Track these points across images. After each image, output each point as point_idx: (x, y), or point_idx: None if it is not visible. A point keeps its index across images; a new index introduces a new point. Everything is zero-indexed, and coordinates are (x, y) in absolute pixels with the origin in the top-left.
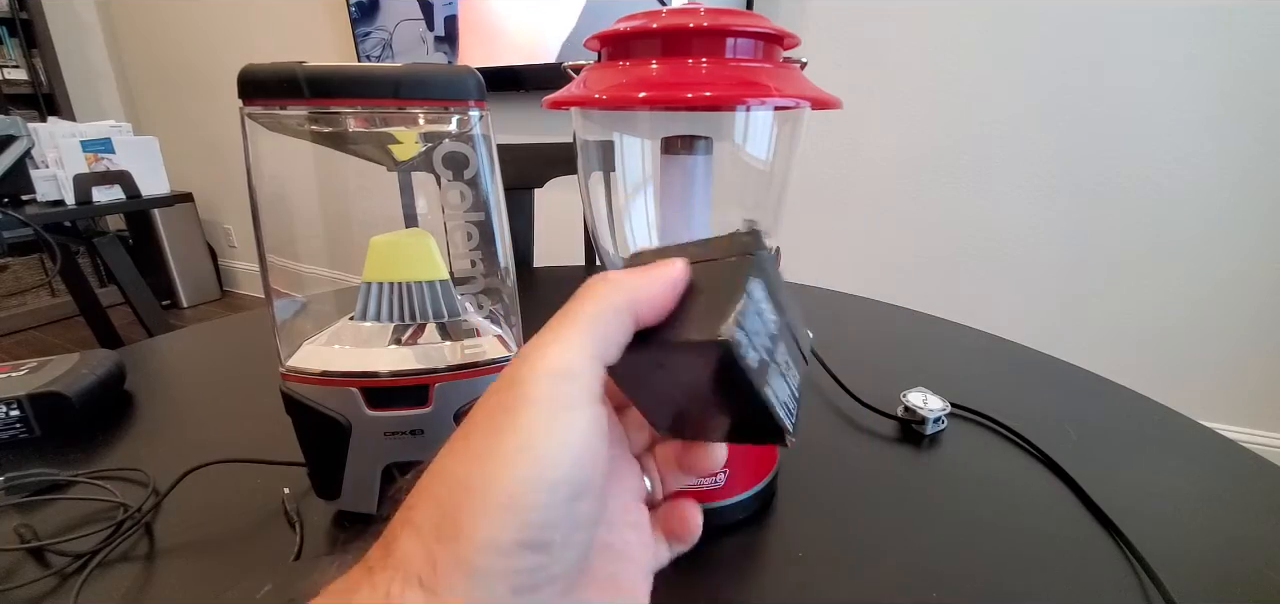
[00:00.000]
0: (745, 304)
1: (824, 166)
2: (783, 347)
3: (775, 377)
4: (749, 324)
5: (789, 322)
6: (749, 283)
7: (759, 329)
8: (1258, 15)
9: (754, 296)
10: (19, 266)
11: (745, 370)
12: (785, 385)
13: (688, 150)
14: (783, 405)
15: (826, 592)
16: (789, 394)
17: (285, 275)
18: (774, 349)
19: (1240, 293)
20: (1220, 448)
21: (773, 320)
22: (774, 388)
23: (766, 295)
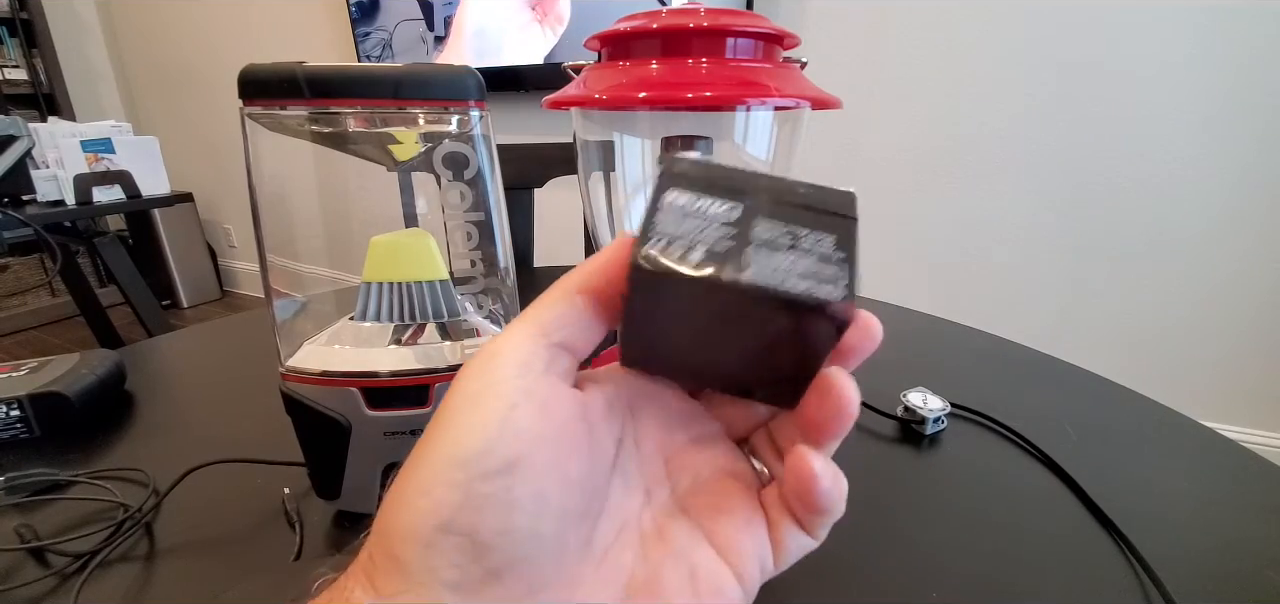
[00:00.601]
0: (653, 217)
1: (824, 166)
2: (764, 224)
3: (761, 255)
4: (667, 231)
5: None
6: (659, 194)
7: (691, 229)
8: (1258, 15)
9: (669, 205)
10: (19, 266)
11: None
12: (788, 259)
13: (688, 150)
14: (797, 275)
15: (826, 592)
16: (813, 263)
17: (285, 275)
18: (743, 231)
19: (1240, 293)
20: (1220, 448)
21: (720, 209)
22: (763, 265)
23: (696, 191)
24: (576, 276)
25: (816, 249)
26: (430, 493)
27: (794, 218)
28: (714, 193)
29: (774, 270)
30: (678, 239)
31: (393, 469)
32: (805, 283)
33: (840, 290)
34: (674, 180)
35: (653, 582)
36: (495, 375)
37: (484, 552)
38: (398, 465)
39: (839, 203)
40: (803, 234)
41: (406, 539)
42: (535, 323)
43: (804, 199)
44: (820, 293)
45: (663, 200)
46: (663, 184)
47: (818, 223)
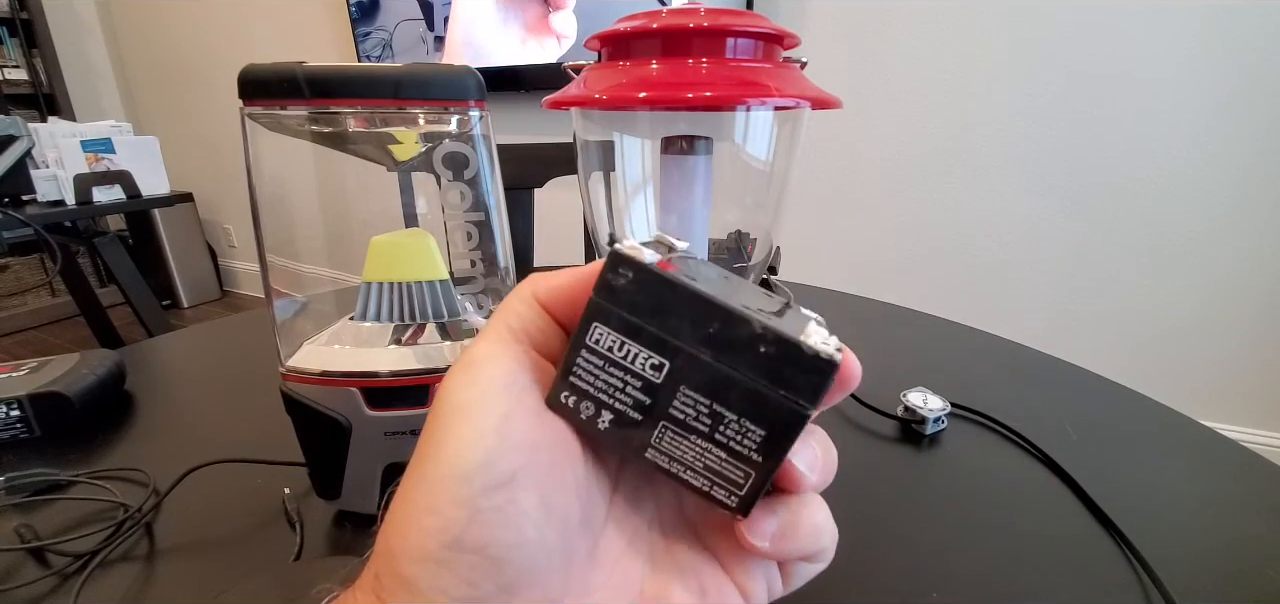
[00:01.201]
0: (572, 360)
1: (824, 166)
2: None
3: (665, 436)
4: (582, 382)
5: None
6: (584, 330)
7: (607, 385)
8: (1258, 15)
9: (591, 348)
10: (19, 266)
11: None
12: (698, 447)
13: (688, 150)
14: (703, 476)
15: (826, 592)
16: (721, 461)
17: (285, 275)
18: (660, 401)
19: (1240, 293)
20: (1220, 448)
21: (644, 364)
22: (668, 451)
23: (625, 335)
24: (539, 285)
25: (734, 442)
26: (438, 511)
27: (728, 393)
28: (643, 338)
29: (673, 458)
30: (589, 395)
31: (393, 470)
32: (702, 480)
33: (733, 500)
34: (605, 313)
35: (661, 597)
36: (484, 385)
37: (498, 568)
38: (398, 465)
39: (802, 378)
40: (727, 420)
41: (416, 559)
42: (509, 330)
43: (753, 366)
44: (716, 495)
45: (589, 335)
46: (593, 311)
47: (753, 407)
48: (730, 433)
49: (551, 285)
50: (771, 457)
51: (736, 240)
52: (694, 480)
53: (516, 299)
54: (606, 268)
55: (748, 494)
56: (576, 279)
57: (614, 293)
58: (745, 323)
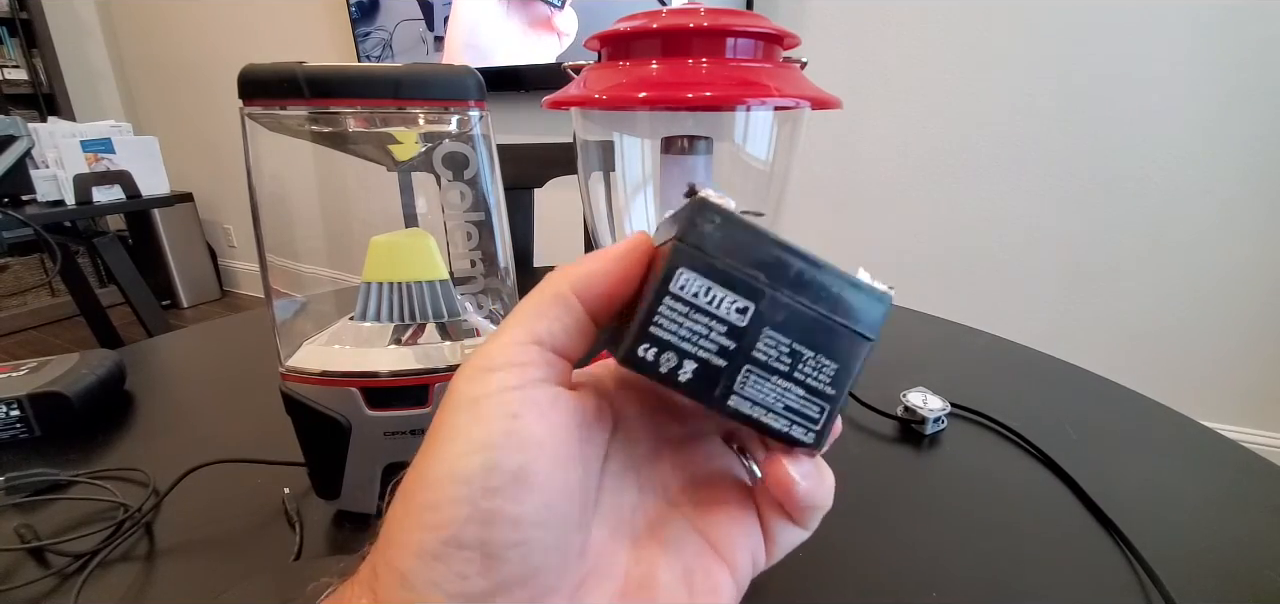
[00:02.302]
0: (655, 309)
1: (824, 166)
2: (770, 338)
3: (749, 379)
4: (664, 331)
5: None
6: (668, 275)
7: (691, 333)
8: (1258, 15)
9: (676, 295)
10: (19, 266)
11: (675, 385)
12: (779, 387)
13: (688, 150)
14: (782, 417)
15: (826, 592)
16: (798, 397)
17: (285, 275)
18: (744, 345)
19: (1240, 293)
20: (1220, 448)
21: (729, 308)
22: (750, 394)
23: (709, 279)
24: (573, 277)
25: (811, 378)
26: (438, 508)
27: (805, 331)
28: (730, 282)
29: (756, 402)
30: (672, 346)
31: (393, 469)
32: (783, 420)
33: (811, 435)
34: (691, 257)
35: (647, 580)
36: (494, 383)
37: (494, 564)
38: (398, 466)
39: (865, 311)
40: (805, 357)
41: (414, 554)
42: (528, 328)
43: (829, 303)
44: (794, 433)
45: (674, 282)
46: (679, 256)
47: (828, 342)
48: (808, 369)
49: (587, 273)
50: (841, 388)
51: None
52: (774, 423)
53: (547, 296)
54: (693, 214)
55: (822, 427)
56: (608, 263)
57: (703, 238)
58: (821, 266)
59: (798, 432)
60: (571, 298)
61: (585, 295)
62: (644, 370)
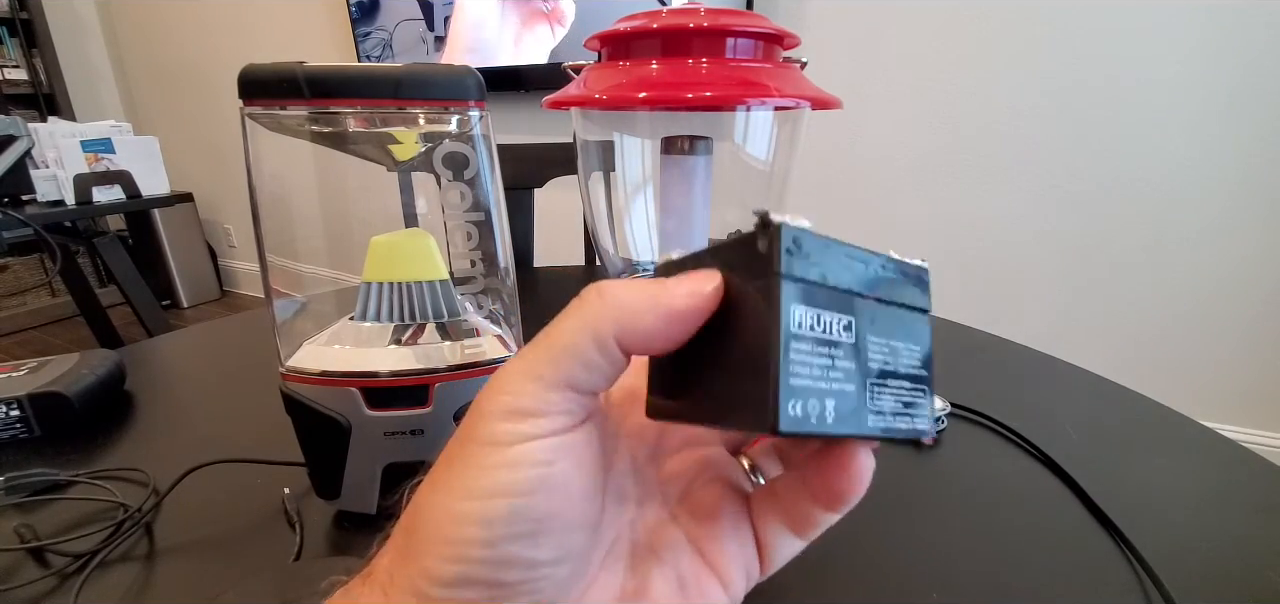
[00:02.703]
0: (786, 359)
1: (824, 166)
2: (872, 344)
3: (875, 394)
4: (802, 379)
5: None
6: (784, 318)
7: (821, 370)
8: (1258, 15)
9: (797, 335)
10: (19, 266)
11: (824, 432)
12: (892, 389)
13: (688, 150)
14: (902, 415)
15: (826, 592)
16: (905, 391)
17: (285, 275)
18: (860, 360)
19: (1240, 293)
20: (1220, 448)
21: (841, 330)
22: (879, 407)
23: (817, 307)
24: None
25: (906, 367)
26: (456, 544)
27: (891, 328)
28: (832, 301)
29: (885, 412)
30: (811, 390)
31: (393, 469)
32: (904, 419)
33: (926, 422)
34: (797, 290)
35: (641, 591)
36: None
37: (505, 594)
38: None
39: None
40: (898, 349)
41: (428, 580)
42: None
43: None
44: (917, 425)
45: (790, 319)
46: (789, 294)
47: (908, 329)
48: (905, 360)
49: (642, 331)
50: (930, 368)
51: None
52: (900, 425)
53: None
54: (783, 244)
55: (929, 407)
56: (664, 322)
57: (797, 264)
58: (884, 259)
59: (920, 424)
60: (614, 348)
61: (631, 345)
62: (798, 430)
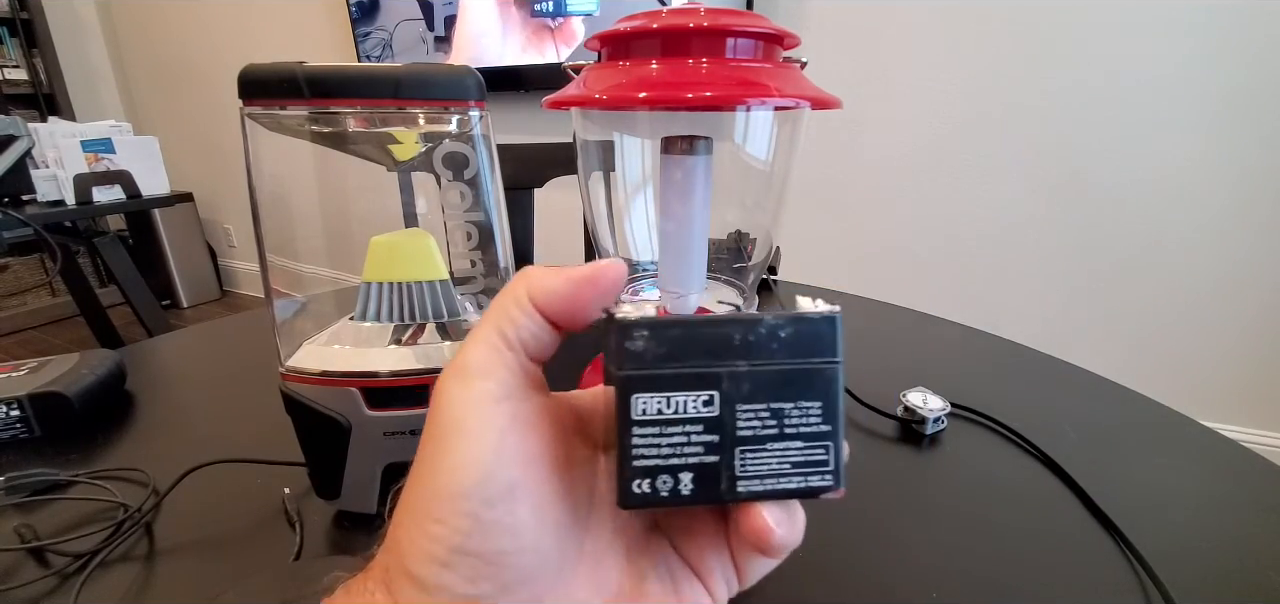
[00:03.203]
0: (628, 443)
1: (824, 166)
2: (746, 412)
3: (745, 460)
4: (649, 459)
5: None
6: (628, 408)
7: (671, 447)
8: (1258, 15)
9: (641, 421)
10: (19, 266)
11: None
12: (775, 451)
13: (688, 150)
14: (793, 475)
15: (826, 592)
16: (796, 450)
17: (285, 275)
18: (726, 429)
19: (1240, 292)
20: (1220, 448)
21: (696, 405)
22: (754, 472)
23: (666, 390)
24: (533, 286)
25: (803, 426)
26: (443, 521)
27: (774, 389)
28: (683, 382)
29: (763, 476)
30: (661, 468)
31: (393, 469)
32: (796, 479)
33: (830, 478)
34: (637, 381)
35: (638, 589)
36: (479, 400)
37: (498, 569)
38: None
39: (820, 340)
40: (788, 411)
41: (424, 561)
42: (503, 337)
43: (783, 352)
44: (813, 485)
45: (634, 410)
46: (626, 385)
47: (801, 386)
48: (796, 420)
49: (547, 289)
50: (835, 420)
51: (736, 240)
52: (791, 485)
53: (510, 302)
54: (619, 339)
55: (835, 466)
56: (572, 283)
57: (638, 357)
58: (758, 322)
59: (815, 481)
60: (530, 307)
61: (545, 308)
62: (646, 504)
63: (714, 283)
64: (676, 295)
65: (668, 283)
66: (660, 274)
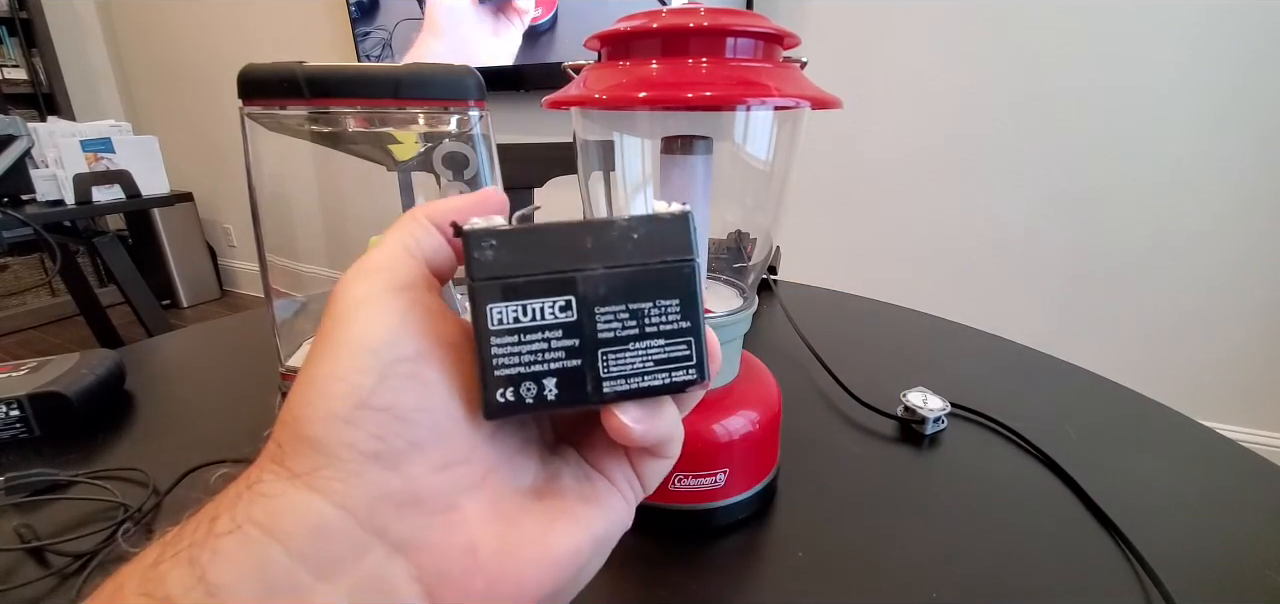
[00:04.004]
0: (488, 353)
1: (824, 166)
2: (604, 314)
3: (608, 361)
4: (510, 367)
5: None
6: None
7: (532, 353)
8: (1258, 15)
9: (499, 330)
10: (19, 266)
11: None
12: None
13: (688, 150)
14: (658, 372)
15: (826, 592)
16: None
17: (285, 275)
18: (586, 334)
19: (1240, 292)
20: (1220, 448)
21: (553, 310)
22: (619, 371)
23: (522, 298)
24: (428, 208)
25: (663, 324)
26: (346, 378)
27: (631, 290)
28: (538, 288)
29: (628, 376)
30: (523, 376)
31: None
32: (660, 376)
33: (693, 372)
34: (490, 290)
35: (553, 480)
36: (384, 287)
37: (408, 426)
38: None
39: (673, 239)
40: (646, 310)
41: (322, 420)
42: (404, 246)
43: (638, 253)
44: (678, 380)
45: (489, 320)
46: (479, 295)
47: (658, 285)
48: (655, 319)
49: (442, 209)
50: (695, 317)
51: (736, 240)
52: (655, 382)
53: (408, 219)
54: (469, 250)
55: (698, 360)
56: (464, 205)
57: (488, 267)
58: (611, 225)
59: (680, 376)
60: (427, 222)
61: (431, 213)
62: (512, 412)
63: (714, 282)
64: None
65: None
66: None
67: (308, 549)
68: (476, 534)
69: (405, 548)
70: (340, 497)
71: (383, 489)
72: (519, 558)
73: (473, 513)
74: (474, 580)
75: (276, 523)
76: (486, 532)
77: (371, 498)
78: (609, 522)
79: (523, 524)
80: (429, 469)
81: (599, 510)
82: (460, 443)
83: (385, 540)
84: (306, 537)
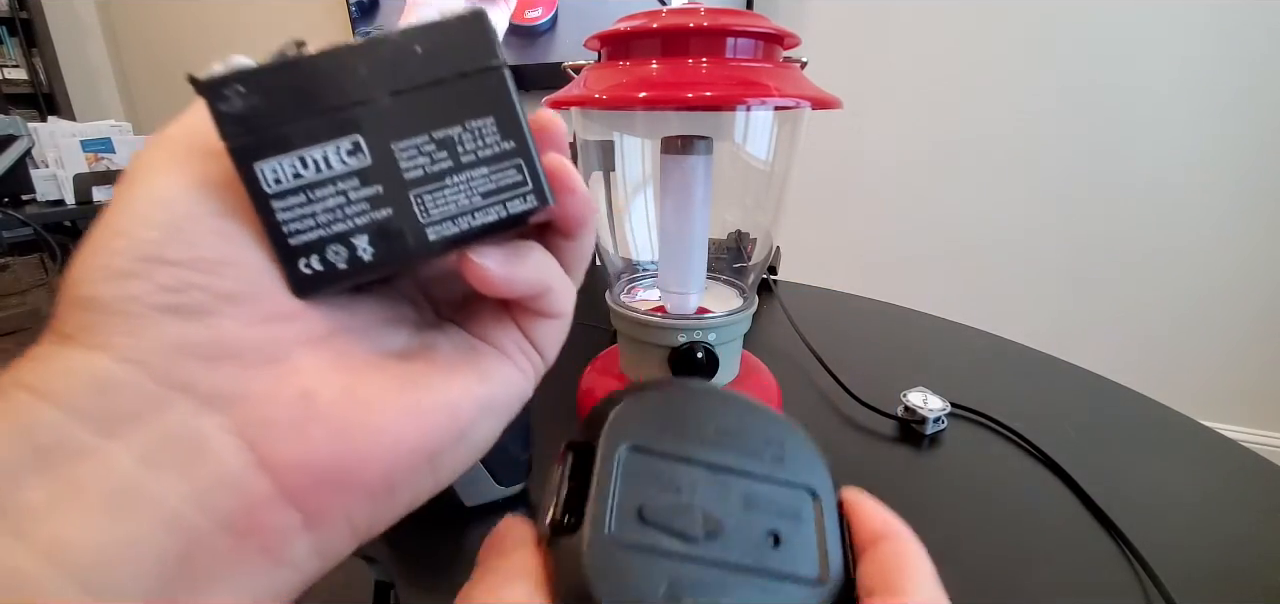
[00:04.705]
0: (273, 224)
1: (824, 166)
2: (406, 149)
3: (426, 203)
4: (306, 234)
5: (392, 94)
6: (253, 182)
7: (332, 207)
8: (1259, 16)
9: (278, 192)
10: (19, 266)
11: (365, 268)
12: (459, 184)
13: (688, 150)
14: (488, 206)
15: None
16: (484, 177)
17: None
18: (389, 177)
19: (1241, 292)
20: (1220, 448)
21: (340, 158)
22: (441, 213)
23: (294, 149)
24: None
25: (481, 149)
26: (126, 232)
27: (431, 116)
28: (313, 134)
29: (455, 215)
30: (325, 238)
31: None
32: (494, 209)
33: (530, 197)
34: (252, 149)
35: (428, 349)
36: (185, 146)
37: (210, 277)
38: None
39: (468, 46)
40: (456, 136)
41: (98, 279)
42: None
43: (429, 70)
44: (514, 209)
45: (262, 181)
46: (239, 157)
47: (461, 102)
48: (470, 144)
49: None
50: (518, 133)
51: (736, 240)
52: (487, 217)
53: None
54: (210, 105)
55: (535, 182)
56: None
57: (241, 120)
58: (383, 42)
59: (516, 205)
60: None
61: None
62: (326, 282)
63: (714, 283)
64: (677, 295)
65: (668, 283)
66: (660, 274)
67: (87, 405)
68: (311, 383)
69: (217, 400)
70: (124, 350)
71: (182, 341)
72: (374, 406)
73: (308, 364)
74: (312, 428)
75: (47, 384)
76: (327, 380)
77: (167, 349)
78: (497, 387)
79: (378, 378)
80: (245, 322)
81: (482, 375)
82: (284, 299)
83: (192, 395)
84: (83, 392)
